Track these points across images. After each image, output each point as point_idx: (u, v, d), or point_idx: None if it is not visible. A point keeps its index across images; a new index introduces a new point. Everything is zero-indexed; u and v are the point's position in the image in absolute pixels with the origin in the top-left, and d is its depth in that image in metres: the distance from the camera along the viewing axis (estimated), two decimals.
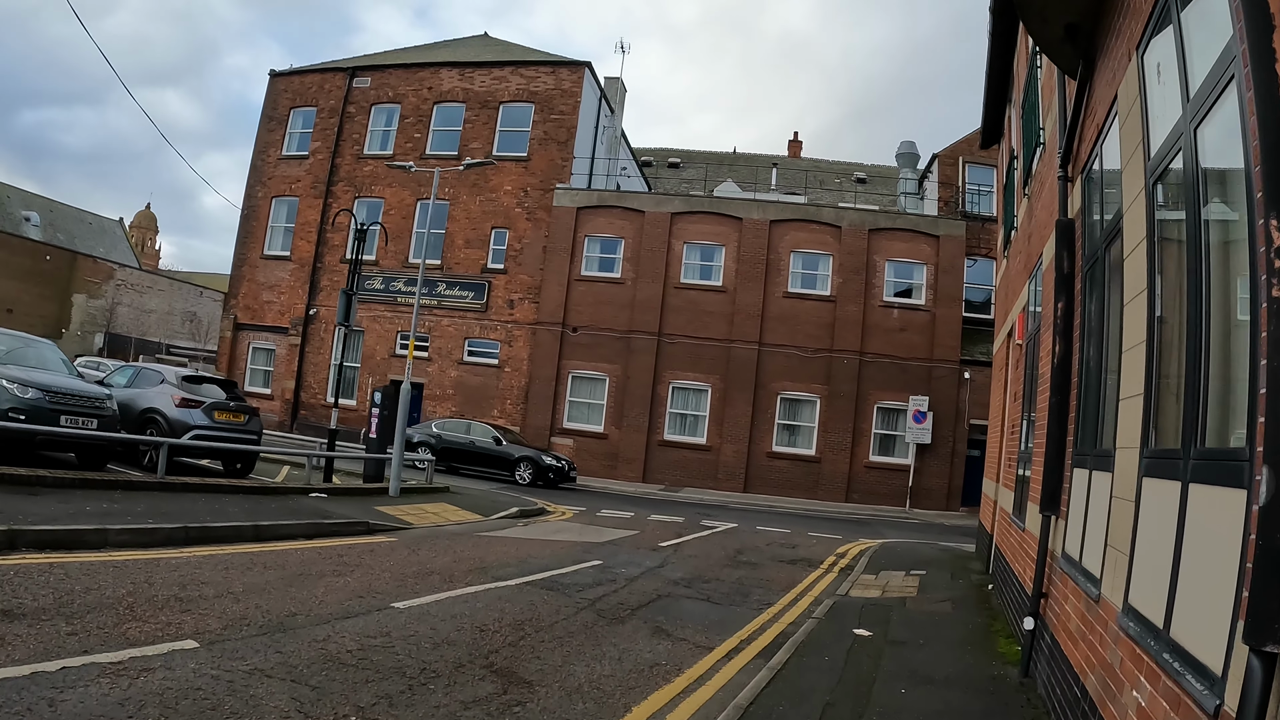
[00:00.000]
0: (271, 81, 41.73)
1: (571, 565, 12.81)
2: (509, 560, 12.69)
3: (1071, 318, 7.41)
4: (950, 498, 31.22)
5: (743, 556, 15.95)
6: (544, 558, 13.28)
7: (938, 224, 33.13)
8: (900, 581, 13.46)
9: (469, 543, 14.25)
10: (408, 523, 15.77)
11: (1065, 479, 7.08)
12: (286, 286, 38.92)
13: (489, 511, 19.00)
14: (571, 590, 10.82)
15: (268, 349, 39.34)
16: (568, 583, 11.33)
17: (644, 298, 33.48)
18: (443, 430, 29.39)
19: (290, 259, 39.05)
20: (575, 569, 12.54)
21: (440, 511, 18.05)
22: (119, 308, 63.88)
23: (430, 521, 16.49)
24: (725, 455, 32.24)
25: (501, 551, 13.59)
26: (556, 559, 13.25)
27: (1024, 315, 11.99)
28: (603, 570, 12.69)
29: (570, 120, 35.92)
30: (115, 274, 65.86)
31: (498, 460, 28.23)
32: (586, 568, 12.77)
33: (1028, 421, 10.57)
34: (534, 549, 14.26)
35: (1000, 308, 17.97)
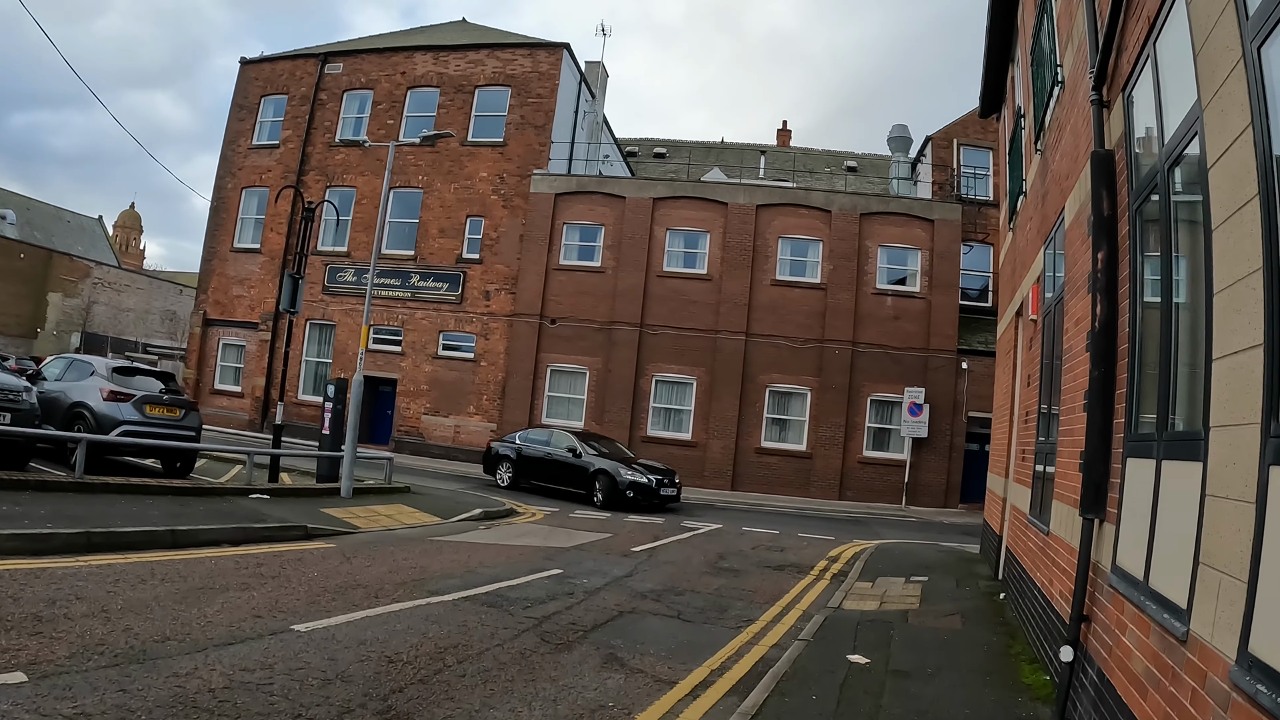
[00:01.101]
0: (242, 69, 40.31)
1: (525, 576, 11.32)
2: (454, 570, 11.23)
3: (1115, 269, 5.93)
4: (949, 494, 29.72)
5: (724, 562, 14.45)
6: (496, 567, 11.81)
7: (932, 208, 31.62)
8: (900, 590, 11.96)
9: (416, 549, 12.76)
10: (354, 526, 14.43)
11: (1115, 473, 5.59)
12: (257, 280, 37.53)
13: (449, 513, 17.55)
14: (517, 607, 9.33)
15: (238, 345, 38.00)
16: (515, 597, 9.84)
17: (625, 287, 31.94)
18: (524, 441, 25.37)
19: (260, 252, 37.69)
20: (528, 580, 11.05)
21: (394, 514, 16.68)
22: (96, 306, 63.22)
23: (381, 525, 15.14)
24: (712, 451, 30.72)
25: (449, 559, 12.11)
26: (510, 568, 11.78)
27: (1038, 286, 10.55)
28: (560, 581, 11.18)
29: (548, 104, 34.45)
30: (92, 272, 65.08)
31: (574, 474, 23.34)
32: (542, 578, 11.26)
33: (1048, 407, 9.09)
34: (488, 556, 12.77)
35: (1005, 286, 16.47)
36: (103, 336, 59.39)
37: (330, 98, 37.73)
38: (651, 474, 22.68)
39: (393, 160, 20.09)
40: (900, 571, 13.85)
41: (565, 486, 23.38)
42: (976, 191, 34.33)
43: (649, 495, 22.11)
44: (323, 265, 35.88)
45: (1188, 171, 4.48)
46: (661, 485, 22.53)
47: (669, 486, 22.84)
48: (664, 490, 22.54)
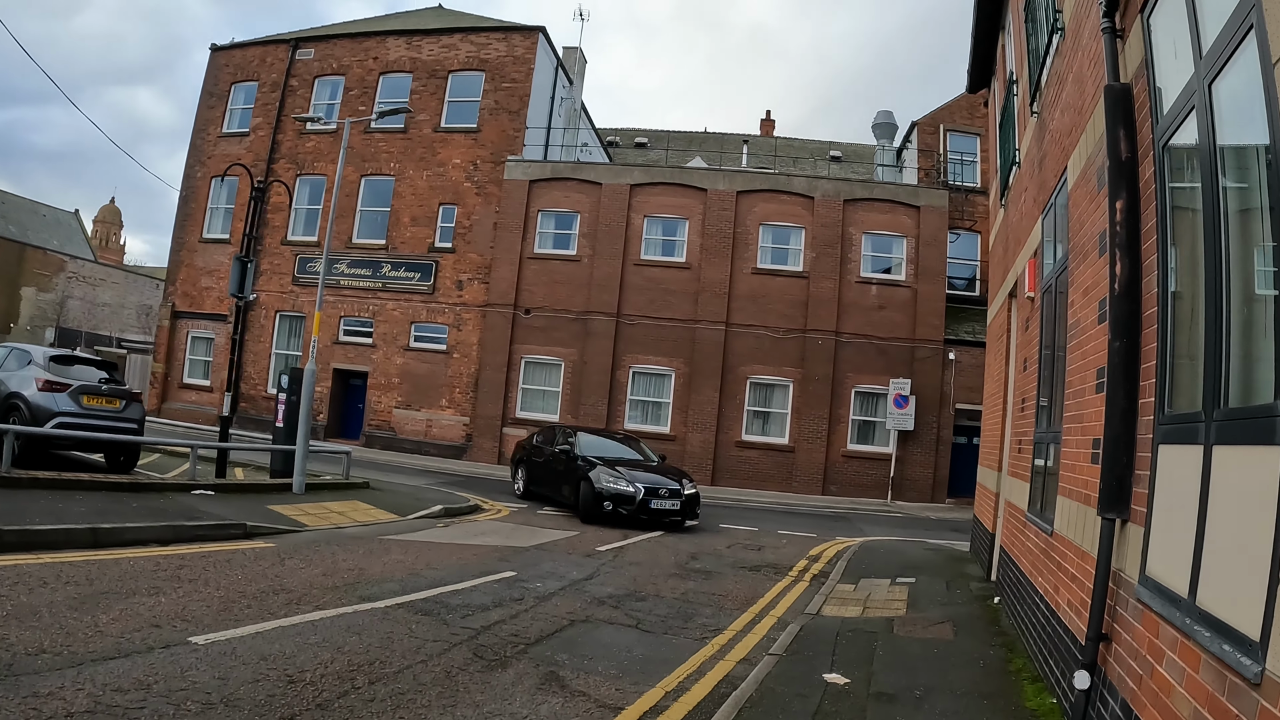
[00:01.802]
0: (212, 56, 39.17)
1: (474, 579, 10.33)
2: (395, 573, 10.24)
3: (1138, 221, 4.97)
4: (936, 489, 28.84)
5: (696, 563, 13.48)
6: (444, 568, 10.84)
7: (918, 194, 30.69)
8: (885, 594, 11.01)
9: (361, 549, 11.75)
10: (301, 524, 13.49)
11: (1141, 463, 4.65)
12: (226, 271, 35.74)
13: (408, 510, 16.61)
14: (456, 615, 8.35)
15: (207, 338, 36.93)
16: (456, 604, 8.86)
17: (602, 276, 30.93)
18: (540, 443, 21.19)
19: (230, 242, 36.39)
20: (476, 584, 10.07)
21: (348, 510, 15.72)
22: (70, 301, 63.02)
23: (331, 523, 14.18)
24: (691, 445, 29.72)
25: (394, 561, 11.11)
26: (459, 570, 10.80)
27: (1035, 261, 9.63)
28: (511, 585, 10.19)
29: (523, 89, 33.44)
30: (66, 266, 64.76)
31: (568, 479, 18.94)
32: (492, 581, 10.28)
33: (1049, 392, 8.15)
34: (439, 556, 11.78)
35: (996, 268, 15.51)
36: (77, 331, 58.79)
37: (301, 84, 36.70)
38: (635, 484, 17.34)
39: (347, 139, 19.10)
40: (885, 572, 12.93)
41: (559, 494, 19.38)
42: (963, 178, 33.46)
43: (643, 508, 17.21)
44: (293, 255, 34.94)
45: (1238, 82, 3.53)
46: (654, 496, 17.27)
47: (668, 498, 17.47)
48: (657, 502, 17.26)
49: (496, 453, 30.86)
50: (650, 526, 17.25)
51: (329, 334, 33.81)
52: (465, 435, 31.71)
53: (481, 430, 31.21)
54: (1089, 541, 5.42)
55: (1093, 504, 5.36)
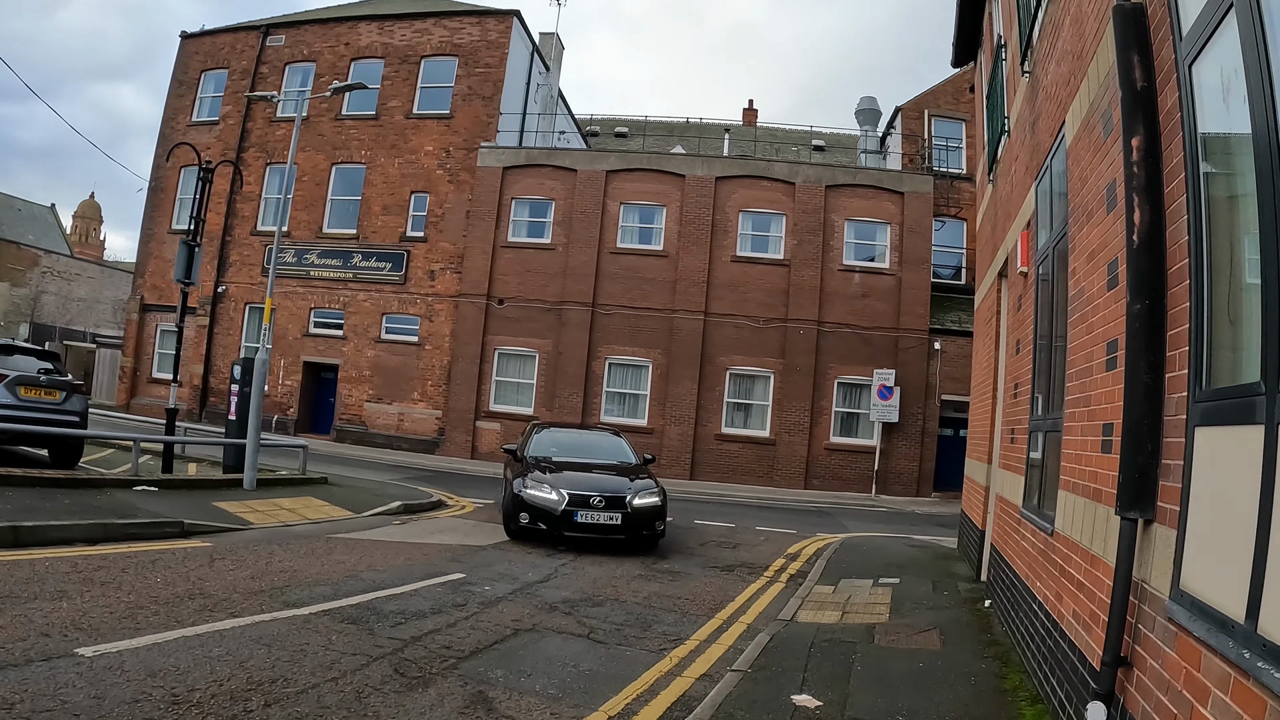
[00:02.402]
0: (182, 44, 38.17)
1: (418, 581, 9.48)
2: (332, 575, 9.42)
3: (1157, 161, 4.14)
4: (921, 482, 28.06)
5: (665, 563, 12.65)
6: (388, 570, 10.01)
7: (902, 179, 29.87)
8: (866, 596, 10.19)
9: (303, 549, 10.90)
10: (245, 522, 12.71)
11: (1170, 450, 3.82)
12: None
13: (365, 506, 15.79)
14: (387, 624, 7.52)
15: (175, 331, 35.76)
16: (391, 610, 8.03)
17: (577, 264, 30.03)
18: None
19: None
20: (418, 587, 9.23)
21: (299, 508, 14.87)
22: (44, 296, 61.82)
23: (279, 520, 13.37)
24: (669, 438, 28.88)
25: (335, 561, 10.27)
26: (403, 572, 9.95)
27: (1028, 233, 8.82)
28: (456, 589, 9.34)
29: (496, 74, 32.52)
30: (40, 261, 63.65)
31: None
32: (436, 585, 9.42)
33: (1047, 374, 7.34)
34: (386, 556, 10.93)
35: (985, 248, 14.68)
36: (51, 326, 57.75)
37: (272, 71, 35.76)
38: (588, 485, 13.44)
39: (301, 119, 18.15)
40: (867, 572, 12.12)
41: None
42: (949, 164, 32.69)
43: (552, 519, 12.99)
44: (262, 246, 34.05)
45: None
46: (583, 507, 12.99)
47: (603, 508, 13.06)
48: (586, 515, 12.94)
49: (470, 447, 30.01)
50: (582, 547, 13.04)
51: (299, 326, 33.06)
52: (438, 429, 30.83)
53: (454, 424, 30.34)
54: (1100, 543, 4.60)
55: (1104, 500, 4.55)
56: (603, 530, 13.01)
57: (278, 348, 33.22)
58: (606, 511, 13.06)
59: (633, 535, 13.27)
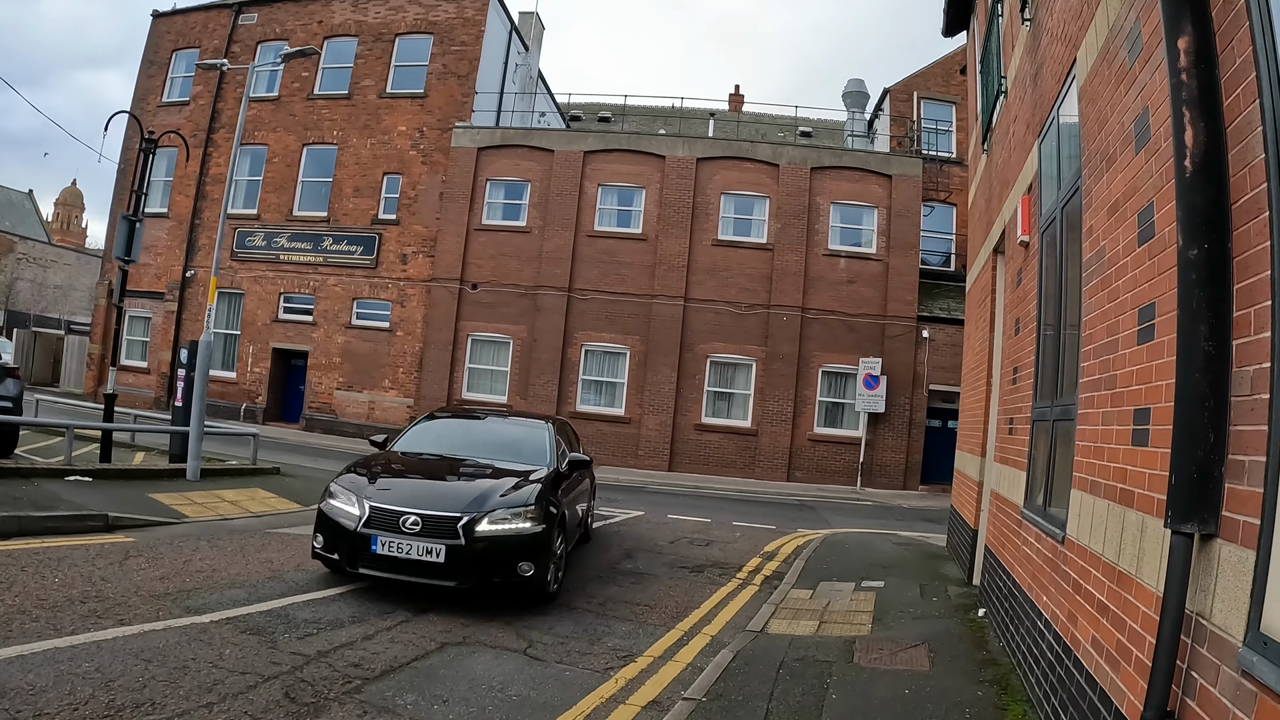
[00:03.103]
0: (154, 23, 37.17)
1: (348, 583, 8.58)
2: (255, 575, 8.62)
3: (1211, 65, 3.19)
4: (908, 475, 27.11)
5: (629, 562, 11.65)
6: (317, 570, 9.12)
7: (890, 162, 28.87)
8: (847, 602, 9.23)
9: (232, 545, 10.09)
10: (180, 515, 11.83)
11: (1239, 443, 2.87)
12: (164, 247, 34.46)
13: (315, 499, 14.66)
14: (294, 635, 6.63)
15: (144, 317, 34.97)
16: (305, 618, 7.14)
17: (553, 248, 29.00)
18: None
19: (168, 216, 34.62)
20: (346, 590, 8.38)
21: (244, 499, 14.01)
22: (19, 283, 61.21)
23: (217, 513, 12.52)
24: (647, 428, 27.93)
25: (263, 560, 9.49)
26: (333, 574, 8.96)
27: (1030, 197, 7.88)
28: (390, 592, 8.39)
29: (472, 52, 31.47)
30: (16, 247, 63.17)
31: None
32: (368, 586, 8.47)
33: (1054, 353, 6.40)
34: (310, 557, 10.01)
35: (979, 224, 13.66)
36: (25, 314, 56.80)
37: (244, 50, 34.62)
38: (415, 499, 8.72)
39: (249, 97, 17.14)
40: (850, 573, 11.16)
41: None
42: (938, 148, 31.75)
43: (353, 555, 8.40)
44: (231, 229, 32.90)
45: None
46: (391, 531, 8.28)
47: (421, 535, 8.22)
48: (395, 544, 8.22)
49: None
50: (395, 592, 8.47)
51: (268, 311, 32.11)
52: (409, 418, 29.74)
53: (426, 412, 29.26)
54: (1132, 559, 3.64)
55: (1136, 504, 3.60)
56: (415, 570, 8.13)
57: (246, 334, 32.41)
58: (423, 539, 8.11)
59: (470, 580, 8.15)
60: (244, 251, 32.73)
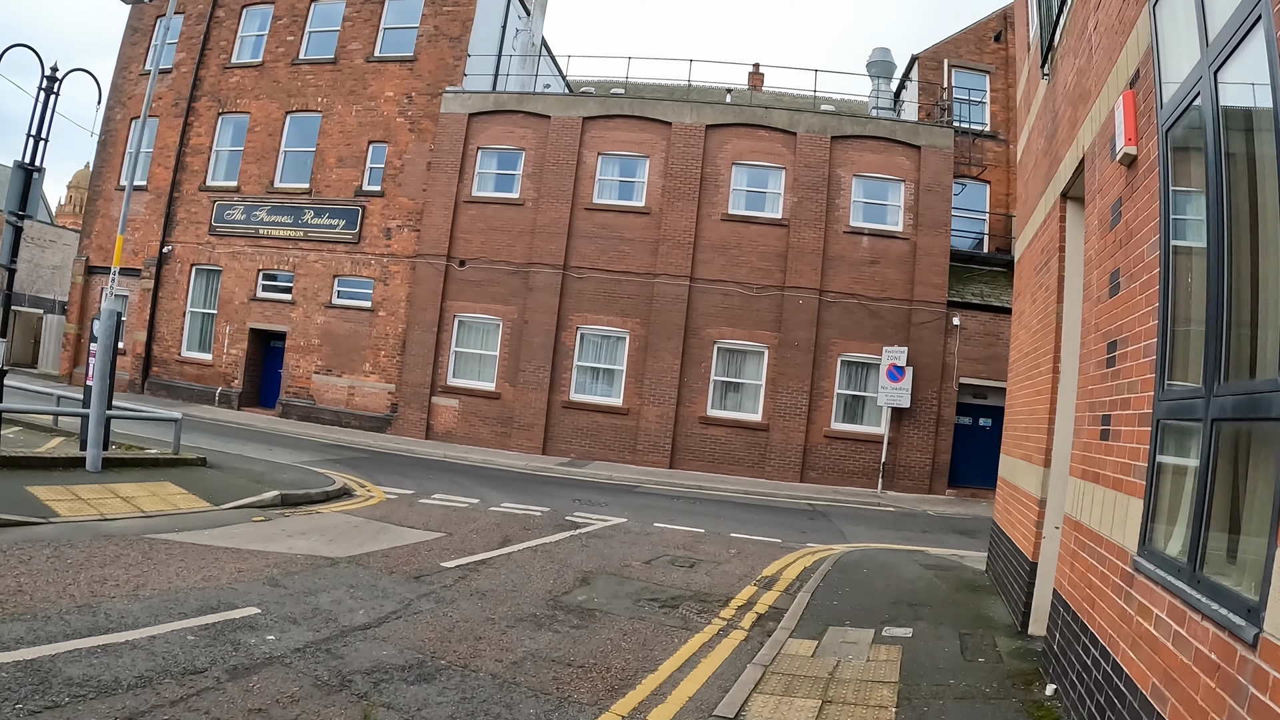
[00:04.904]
0: None
1: (174, 620, 6.34)
2: (54, 606, 6.40)
3: None
4: (935, 478, 24.43)
5: (579, 593, 9.10)
6: (153, 598, 6.90)
7: (918, 131, 26.14)
8: (862, 665, 6.72)
9: (76, 557, 7.91)
10: (50, 514, 9.88)
11: None
12: (142, 221, 32.38)
13: (230, 496, 12.64)
14: (28, 706, 4.32)
15: (121, 295, 32.79)
16: (71, 676, 5.01)
17: (547, 222, 26.49)
18: None
19: (147, 189, 32.48)
20: (166, 631, 6.09)
21: (141, 496, 11.72)
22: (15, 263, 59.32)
23: (98, 513, 10.40)
24: (647, 421, 25.39)
25: (92, 580, 7.20)
26: (172, 602, 6.79)
27: (1137, 90, 5.40)
28: (221, 636, 6.12)
29: (466, 12, 29.05)
30: None
31: None
32: (197, 627, 6.20)
33: (1219, 315, 3.84)
34: (178, 573, 7.84)
35: (1035, 170, 10.79)
36: (21, 294, 55.17)
37: (228, 15, 32.60)
38: None
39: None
40: (868, 612, 8.67)
41: None
42: (970, 120, 29.11)
43: None
44: (210, 202, 30.94)
45: None
46: None
47: None
48: None
49: (424, 425, 26.62)
50: None
51: (246, 289, 29.98)
52: (390, 405, 27.46)
53: (408, 400, 26.93)
54: None
55: None
56: None
57: (223, 313, 30.37)
58: None
59: None
60: (222, 226, 30.65)
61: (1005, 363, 23.70)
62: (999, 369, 23.77)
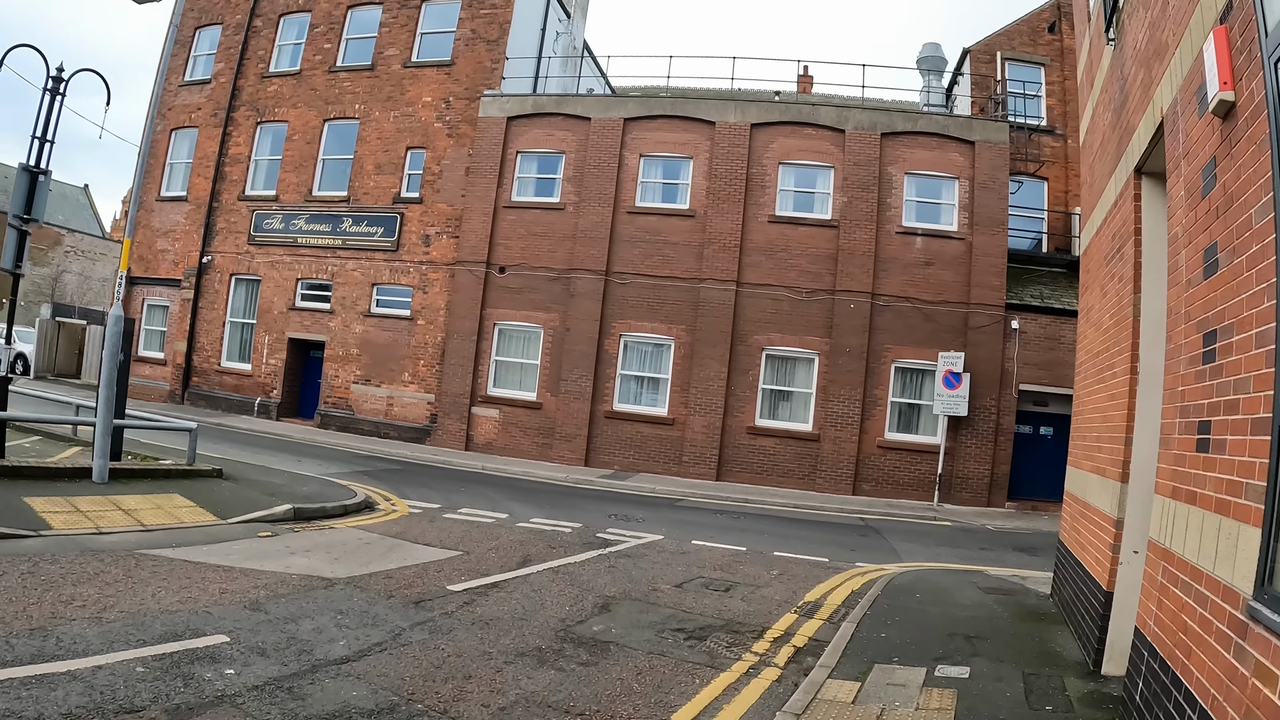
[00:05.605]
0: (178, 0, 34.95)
1: (131, 648, 5.79)
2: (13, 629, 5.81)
3: None
4: (993, 489, 23.26)
5: (596, 623, 8.21)
6: (117, 621, 6.34)
7: (972, 126, 25.07)
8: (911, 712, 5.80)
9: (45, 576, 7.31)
10: (43, 526, 9.42)
11: None
12: (182, 232, 32.40)
13: (240, 510, 12.12)
14: None
15: (161, 305, 33.09)
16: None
17: (588, 226, 25.76)
18: None
19: (187, 199, 32.58)
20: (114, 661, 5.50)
21: (144, 509, 11.15)
22: (66, 275, 61.60)
23: (95, 526, 9.87)
24: (693, 431, 24.51)
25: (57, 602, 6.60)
26: (135, 627, 6.24)
27: (1230, 24, 4.50)
28: (175, 669, 5.50)
29: (503, 14, 28.48)
30: (63, 240, 63.31)
31: None
32: (151, 657, 5.59)
33: None
34: (154, 594, 7.30)
35: (1102, 150, 9.70)
36: (71, 306, 56.26)
37: (266, 24, 32.58)
38: None
39: None
40: (920, 647, 7.73)
41: None
42: (1025, 114, 27.98)
43: None
44: (249, 212, 30.77)
45: None
46: None
47: None
48: None
49: (464, 436, 25.97)
50: None
51: (285, 299, 29.67)
52: (429, 415, 26.83)
53: (447, 410, 26.30)
54: None
55: None
56: None
57: (262, 322, 30.15)
58: None
59: None
60: (261, 235, 30.48)
61: (1067, 368, 22.57)
62: (1061, 375, 22.67)
